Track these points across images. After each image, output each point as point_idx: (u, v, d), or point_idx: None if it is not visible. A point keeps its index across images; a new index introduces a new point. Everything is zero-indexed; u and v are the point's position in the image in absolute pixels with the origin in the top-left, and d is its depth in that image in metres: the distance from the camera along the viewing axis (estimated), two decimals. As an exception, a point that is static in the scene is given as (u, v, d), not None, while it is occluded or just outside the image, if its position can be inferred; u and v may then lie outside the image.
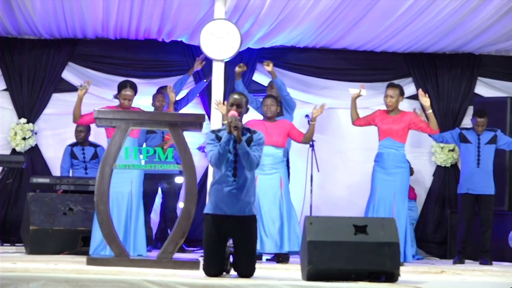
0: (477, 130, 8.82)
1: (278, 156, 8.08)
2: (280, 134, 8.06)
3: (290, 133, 8.16)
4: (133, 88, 7.90)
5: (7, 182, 9.74)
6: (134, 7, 8.99)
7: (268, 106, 8.16)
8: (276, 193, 8.01)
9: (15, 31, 9.76)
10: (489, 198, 8.79)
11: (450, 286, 6.09)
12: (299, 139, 8.19)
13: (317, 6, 8.82)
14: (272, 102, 8.17)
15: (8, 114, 9.92)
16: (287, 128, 8.17)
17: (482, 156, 8.78)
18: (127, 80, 8.08)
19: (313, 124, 8.15)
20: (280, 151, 8.10)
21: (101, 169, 6.61)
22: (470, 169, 8.79)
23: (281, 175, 8.09)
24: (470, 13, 8.92)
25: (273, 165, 8.02)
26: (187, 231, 6.60)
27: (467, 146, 8.85)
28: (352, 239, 5.61)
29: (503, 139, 8.86)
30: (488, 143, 8.81)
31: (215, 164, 5.93)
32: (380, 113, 8.35)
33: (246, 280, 5.57)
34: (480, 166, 8.77)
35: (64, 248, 8.03)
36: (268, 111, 8.15)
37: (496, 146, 8.83)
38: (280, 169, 8.11)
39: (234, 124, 5.82)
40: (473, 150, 8.81)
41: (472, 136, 8.84)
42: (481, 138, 8.81)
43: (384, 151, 8.22)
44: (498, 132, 8.87)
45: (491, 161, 8.82)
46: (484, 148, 8.80)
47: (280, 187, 8.05)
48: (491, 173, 8.81)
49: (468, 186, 8.80)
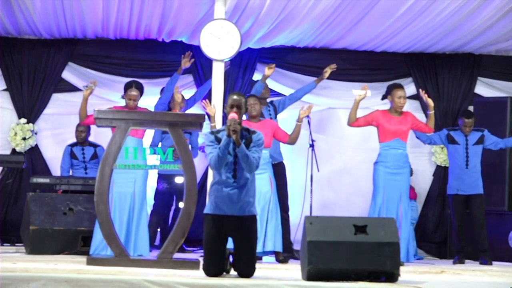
0: (464, 130, 8.82)
1: (265, 156, 8.09)
2: (266, 134, 8.02)
3: (276, 133, 8.17)
4: (138, 89, 7.93)
5: (7, 182, 9.74)
6: (134, 7, 8.99)
7: (251, 105, 8.13)
8: (266, 192, 8.04)
9: (15, 31, 9.76)
10: (480, 198, 8.81)
11: (450, 286, 6.09)
12: (284, 140, 8.21)
13: (317, 6, 8.82)
14: (255, 101, 8.17)
15: (8, 114, 9.92)
16: (273, 128, 8.17)
17: (470, 156, 8.80)
18: (133, 81, 8.10)
19: (299, 124, 8.16)
20: (266, 151, 8.12)
21: (101, 169, 6.61)
22: (459, 170, 8.80)
23: (269, 175, 8.13)
24: (470, 13, 8.92)
25: (262, 166, 8.01)
26: (187, 231, 6.60)
27: (455, 147, 8.85)
28: (352, 239, 5.61)
29: (490, 139, 8.86)
30: (476, 144, 8.82)
31: (215, 167, 5.94)
32: (382, 114, 8.29)
33: (246, 280, 5.57)
34: (469, 167, 8.78)
35: (64, 248, 8.03)
36: (252, 110, 8.14)
37: (483, 146, 8.84)
38: (268, 169, 8.14)
39: (233, 128, 5.82)
40: (462, 151, 8.82)
41: (460, 137, 8.84)
42: (469, 139, 8.82)
43: (392, 152, 8.18)
44: (486, 132, 8.87)
45: (479, 161, 8.83)
46: (472, 149, 8.81)
47: (270, 186, 8.08)
48: (480, 173, 8.82)
49: (458, 187, 8.82)
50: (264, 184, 8.03)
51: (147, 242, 7.72)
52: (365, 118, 8.32)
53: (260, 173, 8.00)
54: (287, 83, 10.17)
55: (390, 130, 8.20)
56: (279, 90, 10.10)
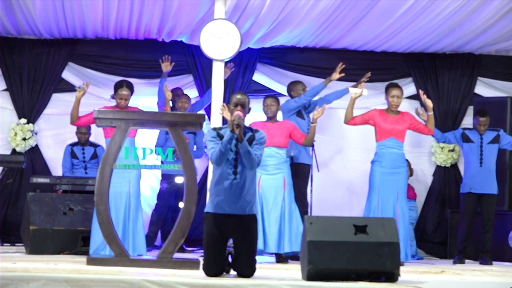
0: (479, 129, 8.83)
1: (282, 156, 8.09)
2: (282, 135, 8.06)
3: (292, 134, 8.16)
4: (129, 88, 7.87)
5: (7, 182, 9.75)
6: (134, 7, 8.99)
7: (268, 106, 8.15)
8: (279, 193, 8.01)
9: (15, 31, 9.76)
10: (492, 198, 8.80)
11: (450, 286, 6.08)
12: (300, 141, 8.20)
13: (317, 6, 8.82)
14: (272, 102, 8.16)
15: (8, 114, 9.92)
16: (289, 128, 8.16)
17: (484, 155, 8.80)
18: (123, 80, 8.06)
19: (313, 126, 8.14)
20: (283, 151, 8.11)
21: (101, 169, 6.61)
22: (473, 169, 8.81)
23: (284, 175, 8.09)
24: (470, 13, 8.92)
25: (277, 165, 8.01)
26: (187, 231, 6.60)
27: (470, 146, 8.86)
28: (352, 239, 5.61)
29: (506, 139, 8.87)
30: (491, 143, 8.83)
31: (216, 162, 5.94)
32: (379, 113, 8.30)
33: (246, 280, 5.57)
34: (483, 166, 8.78)
35: (64, 248, 8.03)
36: (268, 111, 8.15)
37: (499, 145, 8.85)
38: (284, 169, 8.10)
39: (237, 122, 5.84)
40: (476, 149, 8.83)
41: (475, 136, 8.85)
42: (483, 138, 8.83)
43: (387, 151, 8.18)
44: (501, 132, 8.89)
45: (493, 160, 8.83)
46: (487, 148, 8.81)
47: (283, 187, 8.05)
48: (494, 173, 8.82)
49: (471, 186, 8.81)
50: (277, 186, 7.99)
51: (144, 242, 7.72)
52: (362, 117, 8.32)
53: (275, 173, 8.00)
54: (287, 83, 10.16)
55: (386, 129, 8.20)
56: (279, 90, 10.10)
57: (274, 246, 7.91)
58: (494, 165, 8.83)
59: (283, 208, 7.98)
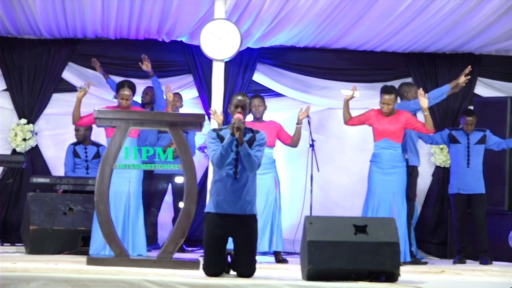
0: (466, 129, 8.84)
1: (270, 156, 8.12)
2: (270, 135, 8.04)
3: (280, 134, 8.20)
4: (131, 88, 7.88)
5: (7, 182, 9.75)
6: (134, 7, 8.99)
7: (256, 106, 8.17)
8: (271, 192, 8.06)
9: (15, 31, 9.76)
10: (481, 197, 8.83)
11: (450, 286, 6.09)
12: (287, 142, 8.25)
13: (316, 5, 8.82)
14: (260, 103, 8.19)
15: (8, 114, 9.92)
16: (277, 128, 8.21)
17: (471, 156, 8.82)
18: (125, 80, 8.06)
19: (299, 127, 8.19)
20: (271, 151, 8.16)
21: (101, 169, 6.61)
22: (461, 169, 8.83)
23: (274, 175, 8.14)
24: (469, 12, 8.92)
25: (266, 165, 8.01)
26: (187, 231, 6.61)
27: (457, 146, 8.87)
28: (352, 239, 5.62)
29: (492, 139, 8.88)
30: (478, 143, 8.85)
31: (217, 165, 5.96)
32: (375, 113, 8.29)
33: (246, 280, 5.58)
34: (470, 166, 8.80)
35: (64, 248, 8.03)
36: (256, 112, 8.17)
37: (485, 146, 8.86)
38: (272, 169, 8.17)
39: (237, 125, 5.84)
40: (463, 150, 8.84)
41: (462, 136, 8.86)
42: (470, 138, 8.85)
43: (382, 152, 8.20)
44: (487, 132, 8.89)
45: (481, 160, 8.85)
46: (474, 148, 8.83)
47: (275, 186, 8.09)
48: (481, 173, 8.84)
49: (459, 186, 8.85)
50: (268, 185, 8.03)
51: (144, 242, 7.72)
52: (359, 118, 8.35)
53: (265, 173, 8.01)
54: (287, 83, 10.17)
55: (378, 130, 8.22)
56: (279, 90, 10.10)
57: (266, 246, 7.96)
58: (481, 165, 8.84)
59: (274, 207, 8.05)
